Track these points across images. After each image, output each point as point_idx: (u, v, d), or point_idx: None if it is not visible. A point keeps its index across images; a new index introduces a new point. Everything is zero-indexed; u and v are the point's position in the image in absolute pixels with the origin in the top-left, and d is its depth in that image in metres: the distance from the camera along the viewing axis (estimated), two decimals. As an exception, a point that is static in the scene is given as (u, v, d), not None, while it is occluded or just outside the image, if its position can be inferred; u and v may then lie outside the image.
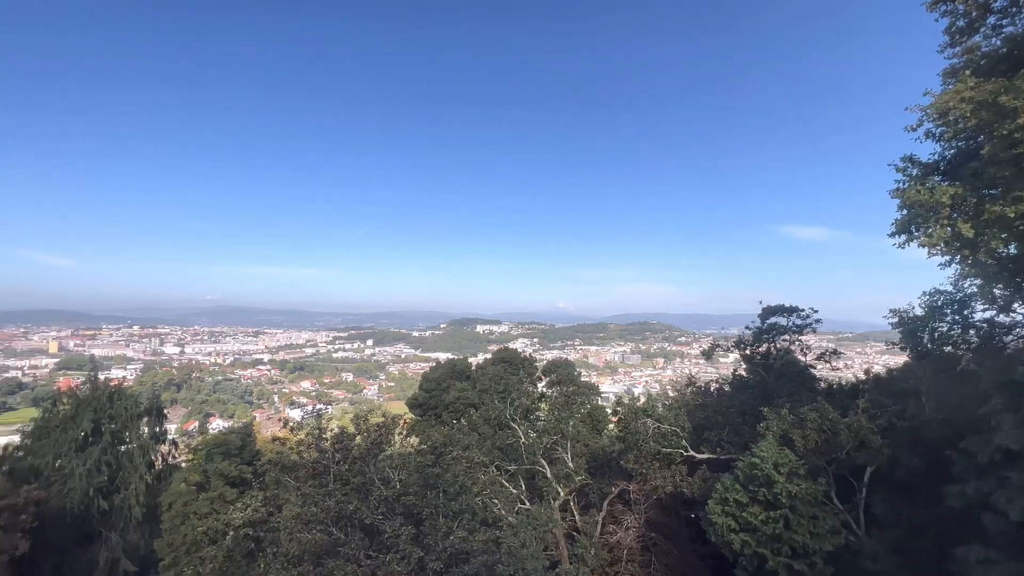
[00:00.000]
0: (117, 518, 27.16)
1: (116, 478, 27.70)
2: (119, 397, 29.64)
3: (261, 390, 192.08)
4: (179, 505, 25.21)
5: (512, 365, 36.46)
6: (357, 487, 16.41)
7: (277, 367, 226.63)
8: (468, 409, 33.22)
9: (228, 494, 24.78)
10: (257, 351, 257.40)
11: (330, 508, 14.98)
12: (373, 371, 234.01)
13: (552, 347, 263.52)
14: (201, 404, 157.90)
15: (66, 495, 25.52)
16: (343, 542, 14.43)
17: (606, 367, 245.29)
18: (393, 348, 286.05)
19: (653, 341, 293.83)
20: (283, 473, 18.93)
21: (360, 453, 17.27)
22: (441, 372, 38.88)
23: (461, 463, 17.20)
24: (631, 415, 25.07)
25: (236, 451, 28.52)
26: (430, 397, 37.52)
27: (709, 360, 33.46)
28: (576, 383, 34.68)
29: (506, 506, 21.86)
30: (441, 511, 15.00)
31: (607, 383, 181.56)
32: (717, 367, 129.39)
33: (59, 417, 28.05)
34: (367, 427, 18.49)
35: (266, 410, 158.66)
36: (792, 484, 16.25)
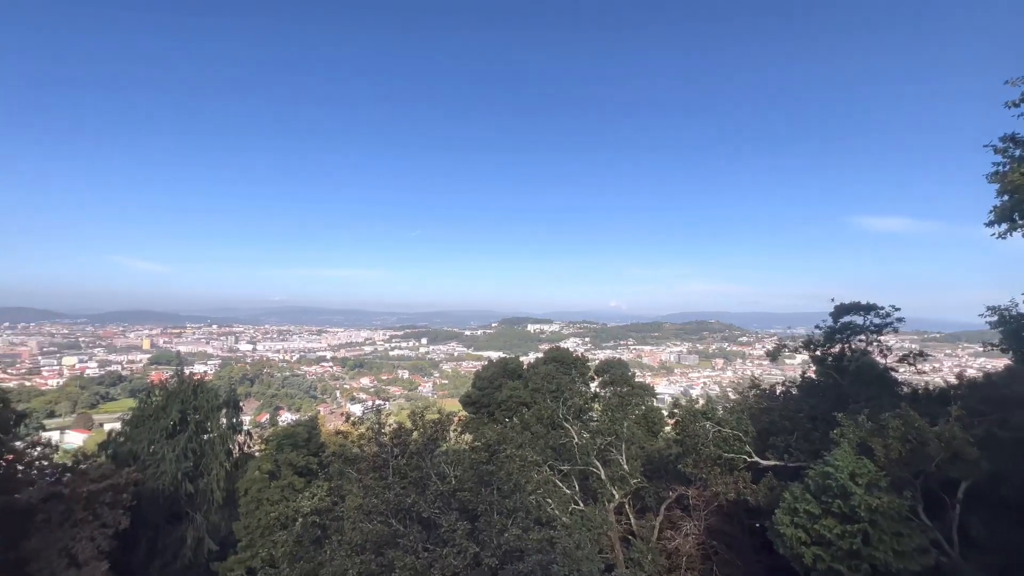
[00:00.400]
0: (201, 501, 29.61)
1: (200, 464, 30.21)
2: (202, 390, 32.30)
3: (324, 386, 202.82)
4: (254, 491, 27.14)
5: (564, 364, 36.20)
6: (414, 481, 16.90)
7: (339, 364, 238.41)
8: (520, 408, 33.38)
9: (297, 483, 26.38)
10: (320, 349, 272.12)
11: (390, 500, 15.53)
12: (427, 369, 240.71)
13: (604, 347, 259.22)
14: (271, 398, 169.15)
15: (158, 478, 28.15)
16: (402, 534, 14.91)
17: (661, 368, 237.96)
18: (446, 346, 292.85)
19: (711, 341, 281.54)
20: (346, 465, 19.84)
21: (417, 448, 17.78)
22: (493, 371, 39.31)
23: (515, 461, 17.27)
24: (689, 418, 24.17)
25: (303, 442, 30.31)
26: (483, 395, 38.04)
27: (774, 361, 31.56)
28: (630, 383, 33.92)
29: (560, 506, 21.72)
30: (496, 508, 15.13)
31: (662, 384, 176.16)
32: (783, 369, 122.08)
33: (152, 407, 30.97)
34: (423, 423, 18.99)
35: (329, 404, 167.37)
36: (872, 497, 14.98)
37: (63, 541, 21.10)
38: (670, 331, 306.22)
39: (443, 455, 18.95)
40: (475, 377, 40.84)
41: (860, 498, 14.96)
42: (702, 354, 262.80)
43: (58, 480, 23.40)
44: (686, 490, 24.66)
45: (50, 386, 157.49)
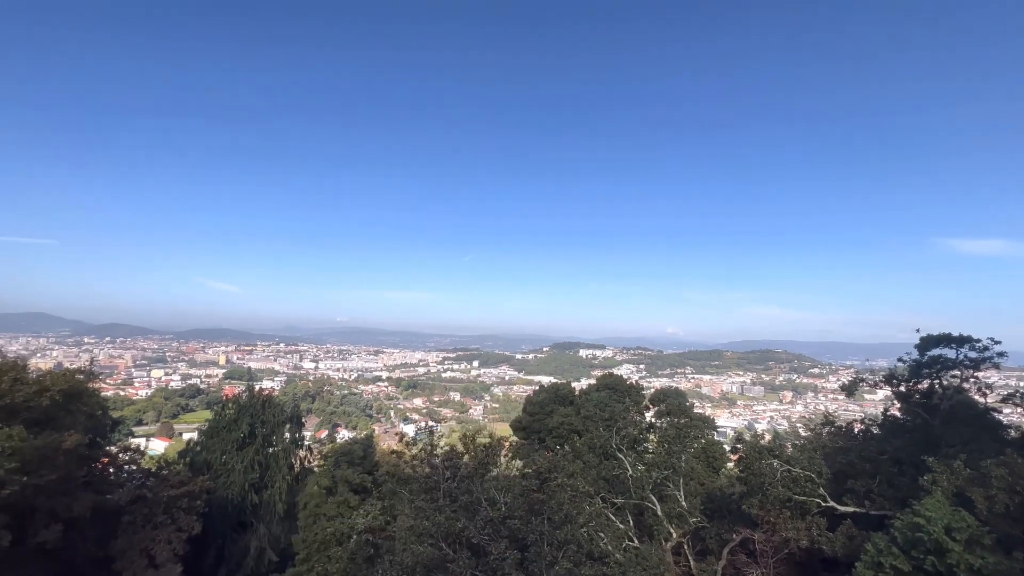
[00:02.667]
0: (264, 512, 31.10)
1: (265, 476, 31.87)
2: (269, 405, 34.33)
3: (380, 405, 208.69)
4: (312, 506, 28.13)
5: (617, 392, 35.24)
6: (465, 505, 16.88)
7: (393, 384, 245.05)
8: (572, 435, 32.68)
9: (352, 500, 27.08)
10: (377, 368, 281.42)
11: (440, 523, 15.57)
12: (478, 391, 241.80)
13: (660, 374, 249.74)
14: (331, 415, 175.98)
15: (228, 487, 29.96)
16: (452, 559, 14.86)
17: (722, 399, 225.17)
18: (497, 370, 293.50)
19: (778, 371, 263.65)
20: (399, 485, 20.19)
21: (468, 472, 17.82)
22: (544, 396, 38.90)
23: (566, 491, 16.86)
24: (754, 454, 22.59)
25: (359, 460, 31.23)
26: (533, 420, 37.64)
27: (851, 396, 29.01)
28: (688, 414, 32.38)
29: (613, 541, 20.81)
30: (546, 539, 14.76)
31: (723, 416, 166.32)
32: (861, 405, 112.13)
33: (225, 420, 33.24)
34: (474, 447, 19.06)
35: (384, 424, 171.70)
36: (974, 555, 13.20)
37: (144, 542, 22.82)
38: (732, 360, 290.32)
39: (493, 480, 18.84)
40: (526, 402, 40.58)
41: (959, 556, 13.22)
42: (768, 385, 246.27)
43: (143, 484, 25.49)
44: (752, 533, 22.86)
45: (140, 396, 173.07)
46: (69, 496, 20.40)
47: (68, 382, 22.60)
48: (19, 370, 21.22)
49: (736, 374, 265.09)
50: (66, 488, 20.44)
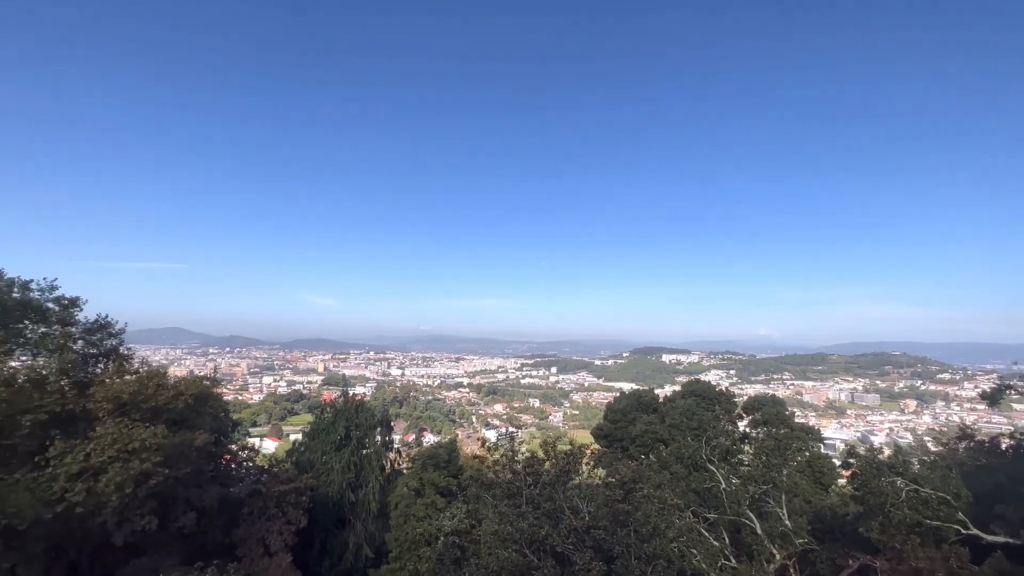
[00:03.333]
0: (360, 510, 33.15)
1: (359, 476, 34.01)
2: (362, 410, 36.69)
3: (462, 410, 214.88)
4: (402, 506, 29.49)
5: (705, 399, 33.20)
6: (548, 512, 16.72)
7: (474, 390, 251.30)
8: (657, 444, 31.26)
9: (438, 502, 28.01)
10: (458, 375, 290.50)
11: (524, 530, 15.56)
12: (557, 398, 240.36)
13: (753, 381, 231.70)
14: (417, 419, 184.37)
15: (328, 485, 32.36)
16: (536, 566, 14.76)
17: (828, 407, 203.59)
18: (576, 376, 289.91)
19: (897, 377, 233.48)
20: (482, 489, 20.51)
21: (550, 479, 17.65)
22: (626, 403, 37.67)
23: (653, 503, 16.07)
24: (872, 471, 20.06)
25: (444, 464, 32.24)
26: (615, 428, 36.57)
27: (994, 406, 24.80)
28: (789, 424, 29.66)
29: (706, 559, 19.49)
30: (633, 551, 14.18)
31: (831, 427, 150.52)
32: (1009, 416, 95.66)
33: (324, 423, 36.05)
34: (556, 454, 18.85)
35: (466, 429, 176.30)
36: None
37: (260, 532, 25.30)
38: (838, 364, 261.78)
39: (576, 488, 18.48)
40: (607, 409, 39.57)
41: None
42: (885, 393, 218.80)
43: (258, 479, 28.35)
44: (872, 560, 20.23)
45: (254, 401, 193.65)
46: (201, 488, 23.26)
47: (198, 388, 25.84)
48: (161, 377, 24.66)
49: (844, 380, 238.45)
50: (198, 481, 23.34)
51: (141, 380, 22.93)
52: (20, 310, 22.26)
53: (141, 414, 21.37)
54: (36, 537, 17.25)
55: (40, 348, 22.93)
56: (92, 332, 24.68)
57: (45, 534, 17.73)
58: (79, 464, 18.41)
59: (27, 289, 22.53)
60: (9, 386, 19.12)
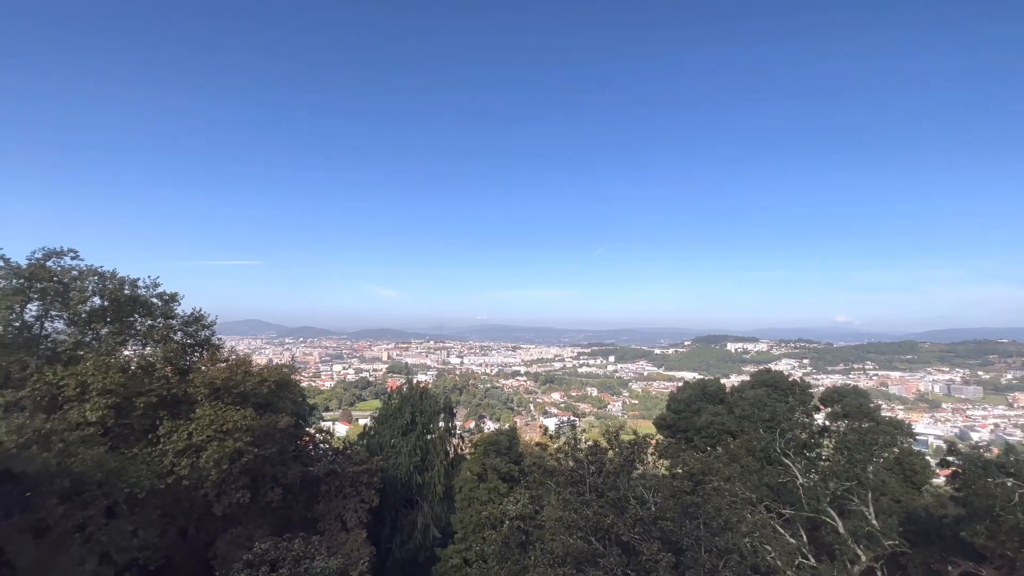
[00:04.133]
0: (427, 492, 34.59)
1: (425, 460, 35.44)
2: (426, 396, 38.08)
3: (520, 398, 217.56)
4: (466, 490, 30.43)
5: (778, 390, 31.38)
6: (612, 501, 16.63)
7: (531, 379, 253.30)
8: (724, 436, 30.05)
9: (501, 487, 28.61)
10: (515, 364, 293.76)
11: (588, 517, 15.58)
12: (616, 387, 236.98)
13: (830, 371, 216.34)
14: (476, 407, 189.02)
15: (396, 467, 34.01)
16: (601, 553, 14.76)
17: (919, 400, 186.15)
18: (634, 365, 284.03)
19: (1004, 367, 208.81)
20: (545, 476, 20.73)
21: (613, 468, 17.52)
22: (690, 393, 36.42)
23: (723, 496, 15.51)
24: (977, 470, 18.19)
25: (505, 450, 32.83)
26: (679, 419, 35.51)
27: None
28: (874, 417, 27.40)
29: (783, 557, 18.59)
30: (703, 544, 13.78)
31: (923, 422, 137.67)
32: None
33: (391, 409, 37.79)
34: (618, 443, 18.66)
35: (524, 416, 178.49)
36: None
37: (337, 509, 27.10)
38: (931, 353, 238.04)
39: (640, 479, 18.21)
40: (669, 399, 38.47)
41: None
42: (989, 385, 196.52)
43: (334, 460, 30.28)
44: (976, 568, 18.43)
45: (326, 387, 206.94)
46: (284, 466, 25.27)
47: (279, 375, 27.94)
48: (247, 365, 26.93)
49: (939, 370, 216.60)
50: (282, 459, 25.36)
51: (231, 368, 25.15)
52: (131, 305, 25.07)
53: (232, 398, 23.47)
54: (152, 505, 19.55)
55: (147, 339, 25.76)
56: (189, 324, 27.33)
57: (159, 503, 20.04)
58: (183, 442, 20.62)
59: (135, 287, 25.29)
60: (125, 372, 21.66)
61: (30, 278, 21.81)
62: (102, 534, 16.47)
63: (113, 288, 24.17)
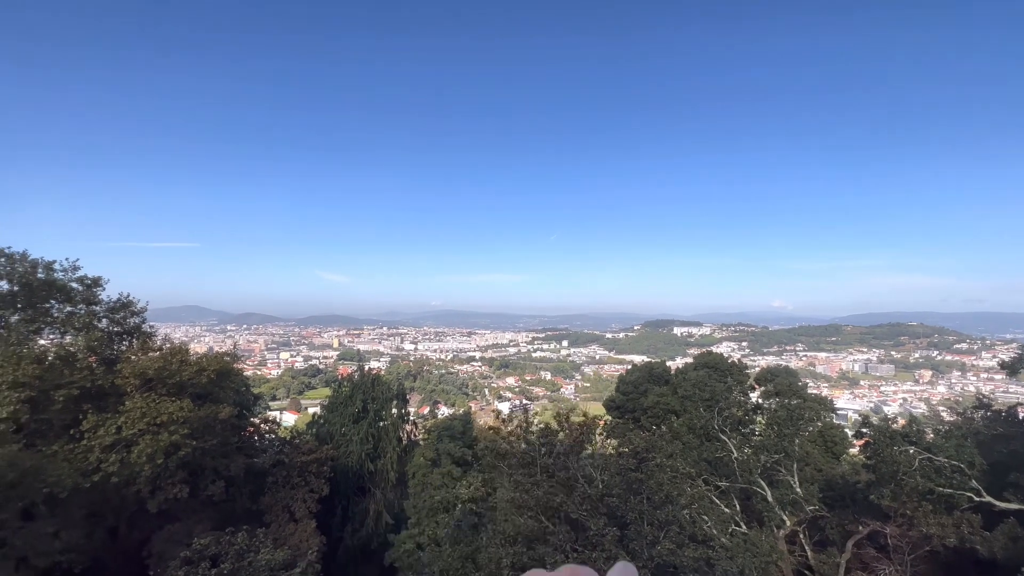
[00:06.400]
0: (379, 479, 34.32)
1: (377, 447, 35.06)
2: (378, 383, 37.49)
3: (475, 383, 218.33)
4: (420, 475, 30.47)
5: (717, 371, 33.29)
6: (562, 481, 17.19)
7: (486, 364, 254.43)
8: (669, 415, 31.60)
9: (455, 472, 28.87)
10: (470, 349, 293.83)
11: (539, 497, 16.04)
12: (569, 371, 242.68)
13: (766, 352, 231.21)
14: (431, 393, 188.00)
15: (348, 456, 33.44)
16: (552, 531, 15.27)
17: (841, 378, 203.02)
18: (587, 349, 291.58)
19: (913, 348, 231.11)
20: (497, 459, 21.07)
21: (563, 449, 18.07)
22: (638, 375, 37.94)
23: (665, 471, 16.41)
24: (884, 440, 20.18)
25: (459, 435, 33.07)
26: (627, 400, 36.96)
27: (1014, 376, 24.52)
28: (801, 395, 29.70)
29: (718, 525, 19.95)
30: (646, 518, 14.57)
31: (843, 398, 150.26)
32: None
33: (342, 396, 36.95)
34: (568, 425, 19.22)
35: (479, 401, 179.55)
36: None
37: (285, 500, 26.38)
38: (852, 335, 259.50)
39: (589, 458, 18.90)
40: (619, 381, 39.91)
41: None
42: (900, 363, 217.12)
43: (281, 450, 29.35)
44: (882, 526, 20.57)
45: (272, 376, 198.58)
46: (227, 458, 24.19)
47: (219, 363, 26.52)
48: (184, 354, 25.34)
49: (859, 351, 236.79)
50: (224, 451, 24.25)
51: (165, 357, 23.60)
52: (46, 290, 22.89)
53: (167, 389, 22.10)
54: (76, 504, 18.21)
55: (67, 327, 23.67)
56: (115, 311, 25.34)
57: (84, 502, 18.70)
58: (112, 436, 19.24)
59: (51, 270, 23.09)
60: (40, 363, 19.83)
61: (-78, 260, 19.43)
62: (17, 539, 15.22)
63: (24, 271, 21.99)
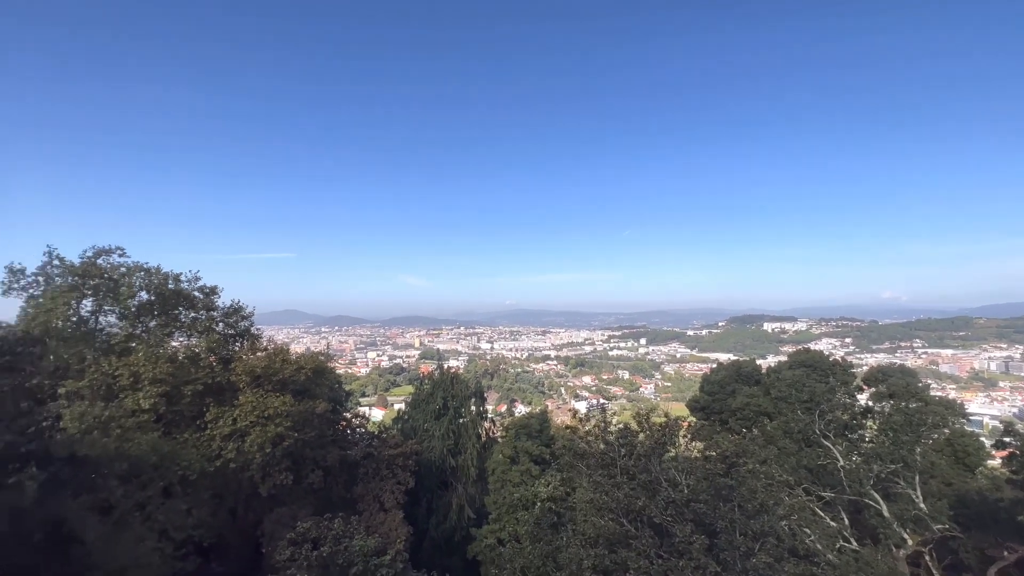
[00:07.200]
0: (460, 474, 35.36)
1: (458, 443, 36.15)
2: (457, 381, 38.67)
3: (550, 382, 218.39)
4: (499, 472, 30.92)
5: (817, 370, 30.32)
6: (643, 484, 16.55)
7: (561, 363, 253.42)
8: (760, 418, 29.35)
9: (533, 470, 28.94)
10: (545, 348, 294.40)
11: (619, 499, 15.57)
12: (648, 370, 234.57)
13: (875, 350, 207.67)
14: (507, 391, 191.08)
15: (430, 451, 34.84)
16: (634, 535, 14.75)
17: (973, 379, 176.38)
18: (667, 347, 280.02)
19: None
20: (576, 459, 20.80)
21: (644, 451, 17.38)
22: (724, 374, 35.64)
23: (759, 478, 15.18)
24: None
25: (536, 433, 33.10)
26: (712, 400, 34.88)
27: None
28: (922, 397, 26.12)
29: (823, 540, 18.14)
30: (738, 527, 13.56)
31: (977, 401, 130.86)
32: None
33: (424, 394, 38.60)
34: (649, 425, 18.47)
35: (555, 400, 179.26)
36: None
37: (375, 491, 28.05)
38: (987, 328, 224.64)
39: (672, 461, 18.03)
40: (703, 380, 37.81)
41: None
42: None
43: (370, 444, 31.27)
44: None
45: (361, 374, 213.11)
46: (323, 449, 26.28)
47: (315, 362, 28.89)
48: (285, 353, 27.95)
49: (996, 346, 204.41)
50: (321, 443, 26.37)
51: (270, 356, 26.16)
52: (175, 299, 26.31)
53: (272, 385, 24.46)
54: (203, 486, 20.73)
55: (191, 330, 27.04)
56: (229, 316, 28.49)
57: (209, 484, 21.23)
58: (229, 427, 21.69)
59: (178, 281, 26.49)
60: (173, 362, 22.86)
61: (83, 275, 23.15)
62: (159, 513, 17.61)
63: (159, 283, 25.40)
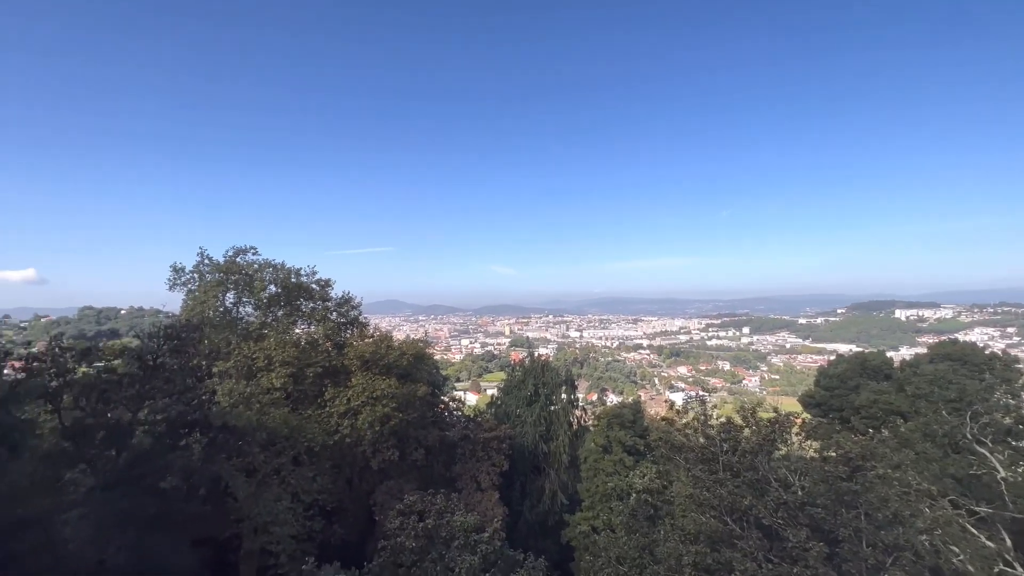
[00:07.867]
0: (552, 460, 35.79)
1: (550, 430, 36.58)
2: (547, 369, 39.03)
3: (643, 372, 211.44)
4: (591, 460, 30.80)
5: (968, 365, 25.98)
6: (749, 482, 15.45)
7: (655, 352, 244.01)
8: (891, 417, 25.85)
9: (626, 460, 28.42)
10: (636, 336, 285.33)
11: (723, 497, 14.71)
12: (752, 361, 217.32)
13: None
14: (598, 380, 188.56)
15: (523, 436, 35.67)
16: (739, 535, 13.89)
17: None
18: (774, 337, 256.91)
19: None
20: (672, 452, 19.99)
21: (750, 447, 16.19)
22: (845, 367, 31.88)
23: (891, 485, 13.40)
24: None
25: (629, 423, 32.34)
26: (831, 396, 31.43)
27: None
28: (1120, 401, 21.18)
29: (975, 562, 15.57)
30: (865, 537, 12.15)
31: None
32: None
33: (516, 380, 39.51)
34: (756, 421, 17.15)
35: (648, 391, 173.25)
36: None
37: (472, 471, 29.45)
38: None
39: (783, 460, 16.61)
40: (819, 374, 34.19)
41: None
42: None
43: (466, 426, 32.86)
44: None
45: (456, 360, 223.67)
46: (424, 429, 28.19)
47: (415, 348, 30.97)
48: (389, 340, 30.31)
49: None
50: (422, 423, 28.31)
51: (376, 342, 28.50)
52: (297, 291, 29.68)
53: (379, 369, 26.66)
54: (324, 457, 23.35)
55: (311, 319, 30.35)
56: (341, 306, 31.49)
57: (329, 456, 23.85)
58: (344, 406, 24.10)
59: (299, 275, 29.81)
60: (297, 347, 25.87)
61: (226, 272, 26.98)
62: (292, 478, 20.16)
63: (284, 277, 28.77)
